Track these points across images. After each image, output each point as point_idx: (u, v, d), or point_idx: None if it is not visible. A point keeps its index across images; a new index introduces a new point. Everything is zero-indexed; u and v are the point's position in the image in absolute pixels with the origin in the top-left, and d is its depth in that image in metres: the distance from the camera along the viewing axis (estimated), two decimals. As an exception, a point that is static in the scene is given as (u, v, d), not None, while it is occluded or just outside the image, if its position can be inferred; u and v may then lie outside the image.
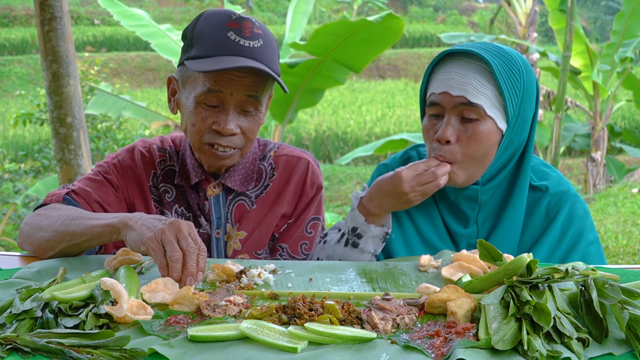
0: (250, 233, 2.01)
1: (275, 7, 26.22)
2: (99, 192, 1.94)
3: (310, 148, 13.95)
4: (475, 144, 1.77)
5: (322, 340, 1.26)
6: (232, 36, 1.78)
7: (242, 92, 1.80)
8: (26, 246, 1.87)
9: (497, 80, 1.75)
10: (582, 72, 8.99)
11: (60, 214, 1.79)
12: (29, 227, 1.85)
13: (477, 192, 1.86)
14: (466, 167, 1.80)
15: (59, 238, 1.75)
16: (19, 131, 12.98)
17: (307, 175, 2.05)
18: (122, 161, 2.01)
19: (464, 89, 1.75)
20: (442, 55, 1.82)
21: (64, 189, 1.95)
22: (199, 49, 1.80)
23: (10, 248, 6.88)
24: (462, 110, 1.77)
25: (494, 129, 1.78)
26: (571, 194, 1.90)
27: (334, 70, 6.18)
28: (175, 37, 6.99)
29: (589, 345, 1.24)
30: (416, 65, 21.87)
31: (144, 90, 18.52)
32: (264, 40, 1.82)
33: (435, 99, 1.80)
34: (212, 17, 1.83)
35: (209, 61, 1.76)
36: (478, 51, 1.77)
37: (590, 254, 1.88)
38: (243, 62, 1.75)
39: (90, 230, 1.70)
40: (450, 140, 1.77)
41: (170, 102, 1.95)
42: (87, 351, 1.21)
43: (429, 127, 1.83)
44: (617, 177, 9.62)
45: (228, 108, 1.81)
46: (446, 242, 1.93)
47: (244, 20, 1.81)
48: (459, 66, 1.78)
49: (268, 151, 2.07)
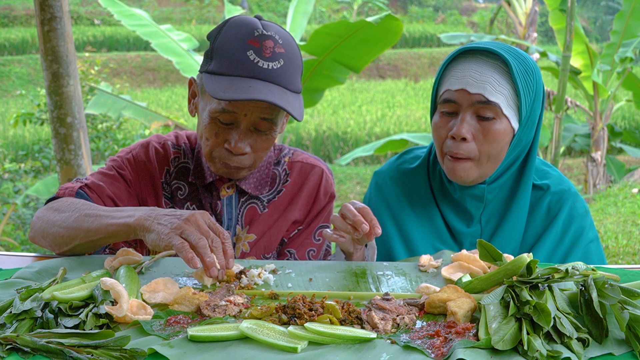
0: (260, 237, 2.01)
1: (275, 7, 26.21)
2: (111, 188, 1.93)
3: (310, 148, 13.94)
4: (491, 142, 1.78)
5: (322, 340, 1.26)
6: (251, 56, 1.74)
7: (257, 115, 1.79)
8: (39, 240, 1.86)
9: (514, 80, 1.75)
10: (582, 72, 8.99)
11: (74, 209, 1.78)
12: (42, 221, 1.83)
13: (483, 191, 1.87)
14: (480, 165, 1.81)
15: (74, 234, 1.74)
16: (19, 131, 12.98)
17: (321, 183, 2.06)
18: (136, 156, 2.00)
19: (482, 87, 1.74)
20: (458, 52, 1.81)
21: (77, 182, 1.94)
22: (217, 64, 1.77)
23: (10, 248, 6.88)
24: (478, 108, 1.76)
25: (509, 128, 1.79)
26: (572, 192, 1.93)
27: (333, 70, 6.18)
28: (175, 37, 6.99)
29: (589, 345, 1.24)
30: (416, 65, 21.86)
31: (144, 90, 18.51)
32: (285, 59, 1.77)
33: (451, 96, 1.78)
34: (235, 29, 1.79)
35: (224, 82, 1.74)
36: (497, 49, 1.76)
37: (591, 251, 1.90)
38: (257, 89, 1.72)
39: (105, 228, 1.69)
40: (467, 137, 1.77)
41: (190, 103, 1.94)
42: (87, 351, 1.21)
43: (441, 124, 1.82)
44: (617, 177, 9.62)
45: (241, 127, 1.80)
46: (447, 242, 1.93)
47: (266, 38, 1.76)
48: (476, 64, 1.77)
49: (283, 156, 2.07)
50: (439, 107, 1.84)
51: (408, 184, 2.00)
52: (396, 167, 2.05)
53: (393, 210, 1.99)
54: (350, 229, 1.66)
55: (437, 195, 1.95)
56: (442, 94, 1.82)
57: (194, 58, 6.72)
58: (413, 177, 2.00)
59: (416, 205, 1.97)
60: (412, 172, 2.01)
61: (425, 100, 17.13)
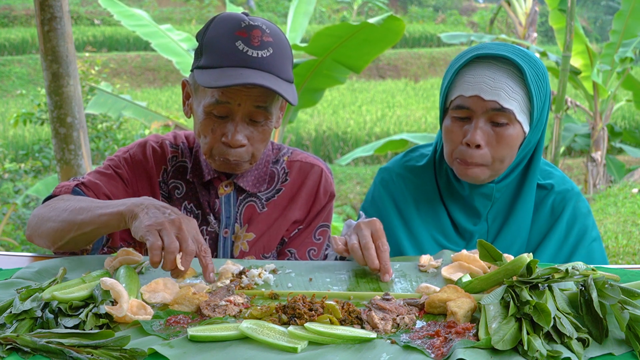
0: (260, 236, 2.01)
1: (275, 7, 26.20)
2: (108, 186, 1.93)
3: (310, 148, 13.94)
4: (505, 147, 1.79)
5: (322, 340, 1.26)
6: (240, 46, 1.75)
7: (250, 104, 1.78)
8: (35, 238, 1.85)
9: (528, 86, 1.76)
10: (582, 72, 8.99)
11: (68, 204, 1.77)
12: (37, 218, 1.83)
13: (492, 190, 1.89)
14: (493, 167, 1.83)
15: (67, 227, 1.73)
16: (19, 131, 12.98)
17: (320, 182, 2.06)
18: (133, 155, 2.00)
19: (496, 94, 1.74)
20: (471, 58, 1.79)
21: (74, 181, 1.94)
22: (207, 58, 1.78)
23: (10, 248, 6.88)
24: (492, 115, 1.77)
25: (521, 132, 1.80)
26: (575, 192, 1.97)
27: (334, 70, 6.18)
28: (175, 37, 6.99)
29: (589, 345, 1.24)
30: (416, 65, 21.86)
31: (144, 90, 18.51)
32: (274, 48, 1.77)
33: (464, 102, 1.78)
34: (222, 23, 1.80)
35: (215, 73, 1.74)
36: (510, 55, 1.76)
37: (594, 250, 1.94)
38: (249, 75, 1.72)
39: (98, 218, 1.68)
40: (481, 144, 1.78)
41: (185, 105, 1.94)
42: (87, 351, 1.21)
43: (453, 129, 1.82)
44: (617, 177, 9.62)
45: (236, 119, 1.80)
46: (453, 239, 1.94)
47: (253, 28, 1.77)
48: (489, 70, 1.76)
49: (281, 155, 2.07)
50: (450, 112, 1.83)
51: (415, 181, 2.01)
52: (403, 164, 2.05)
53: (399, 207, 2.00)
54: (362, 262, 1.65)
55: (444, 193, 1.96)
56: (454, 99, 1.81)
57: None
58: (420, 174, 2.01)
59: (422, 202, 1.99)
60: (420, 170, 2.02)
61: (425, 101, 17.13)
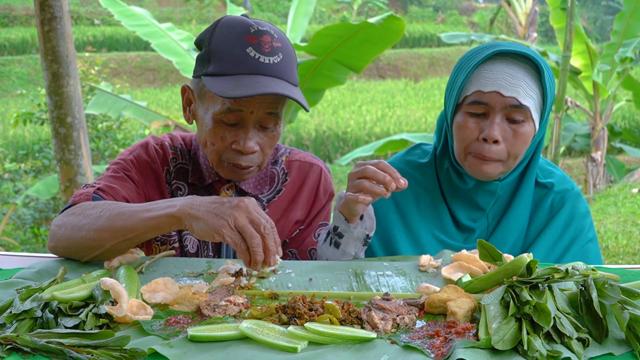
0: None
1: (275, 7, 26.22)
2: (124, 189, 1.89)
3: (310, 148, 13.95)
4: (520, 144, 1.81)
5: (322, 340, 1.26)
6: (251, 52, 1.72)
7: (263, 110, 1.76)
8: (62, 250, 1.76)
9: (544, 85, 1.79)
10: (582, 72, 9.00)
11: (101, 210, 1.69)
12: (66, 228, 1.73)
13: (497, 187, 1.91)
14: (507, 164, 1.85)
15: (107, 236, 1.65)
16: (19, 131, 12.99)
17: (320, 182, 2.06)
18: (137, 157, 1.97)
19: (515, 90, 1.75)
20: (490, 54, 1.79)
21: (90, 187, 1.87)
22: (217, 65, 1.74)
23: (10, 248, 6.88)
24: (510, 111, 1.78)
25: (533, 130, 1.83)
26: (574, 192, 1.98)
27: (334, 70, 6.19)
28: (175, 36, 6.99)
29: (589, 345, 1.24)
30: (416, 65, 21.87)
31: (144, 90, 18.53)
32: (283, 53, 1.76)
33: (482, 98, 1.78)
34: (229, 28, 1.77)
35: (230, 81, 1.71)
36: (530, 53, 1.78)
37: (589, 251, 1.95)
38: (265, 83, 1.70)
39: (143, 223, 1.62)
40: (499, 140, 1.78)
41: (186, 111, 1.90)
42: (87, 351, 1.21)
43: (467, 124, 1.82)
44: (617, 177, 9.62)
45: (248, 126, 1.78)
46: (453, 235, 1.95)
47: (262, 34, 1.75)
48: (508, 66, 1.77)
49: (280, 156, 2.06)
50: (464, 107, 1.83)
51: (416, 177, 2.01)
52: (405, 160, 2.06)
53: (399, 203, 2.00)
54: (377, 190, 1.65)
55: (445, 190, 1.96)
56: (470, 94, 1.80)
57: (194, 58, 6.72)
58: (422, 171, 2.02)
59: (423, 198, 1.99)
60: (422, 167, 2.03)
61: (425, 101, 17.13)
